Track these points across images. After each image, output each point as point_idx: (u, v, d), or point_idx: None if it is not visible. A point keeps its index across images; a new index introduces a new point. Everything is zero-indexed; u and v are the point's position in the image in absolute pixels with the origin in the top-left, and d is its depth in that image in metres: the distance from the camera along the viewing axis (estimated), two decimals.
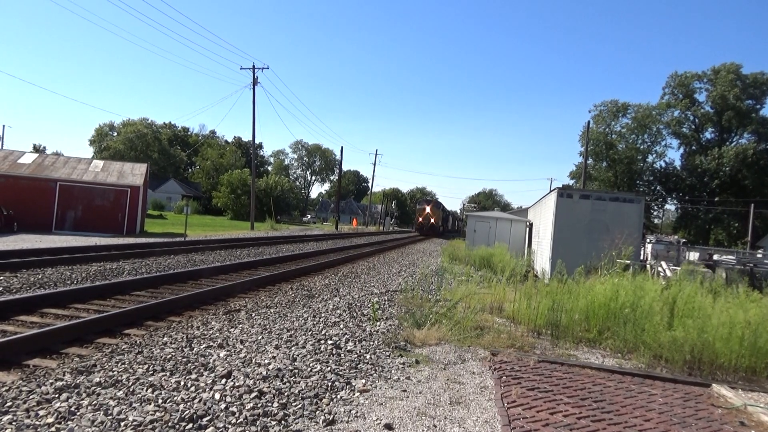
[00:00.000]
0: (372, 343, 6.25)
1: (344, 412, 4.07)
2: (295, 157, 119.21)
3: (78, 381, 4.13)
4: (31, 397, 3.77)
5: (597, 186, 55.57)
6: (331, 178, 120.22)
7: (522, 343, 6.87)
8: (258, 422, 3.67)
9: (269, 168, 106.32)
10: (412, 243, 33.50)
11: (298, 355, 5.35)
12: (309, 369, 4.95)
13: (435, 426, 3.96)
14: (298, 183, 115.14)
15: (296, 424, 3.75)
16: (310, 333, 6.41)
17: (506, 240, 24.81)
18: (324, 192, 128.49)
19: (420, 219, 53.05)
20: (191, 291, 8.90)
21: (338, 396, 4.40)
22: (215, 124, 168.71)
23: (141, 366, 4.64)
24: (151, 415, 3.59)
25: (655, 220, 62.42)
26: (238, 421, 3.66)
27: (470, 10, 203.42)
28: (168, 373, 4.50)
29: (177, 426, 3.49)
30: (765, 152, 49.77)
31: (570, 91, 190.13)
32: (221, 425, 3.56)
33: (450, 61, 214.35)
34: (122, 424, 3.42)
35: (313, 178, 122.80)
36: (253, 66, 39.23)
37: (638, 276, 8.53)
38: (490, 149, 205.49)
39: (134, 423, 3.44)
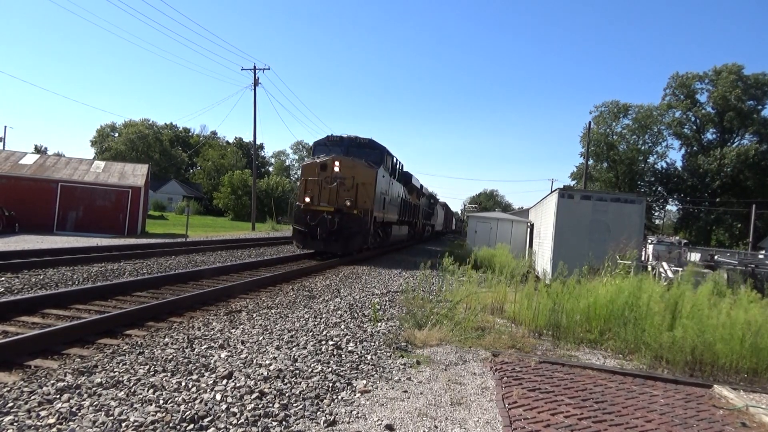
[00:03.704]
0: (373, 343, 6.25)
1: (345, 412, 4.07)
2: (296, 157, 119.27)
3: (79, 382, 4.14)
4: (32, 397, 3.77)
5: (598, 187, 55.58)
6: None
7: (523, 344, 6.87)
8: (259, 423, 3.67)
9: (270, 169, 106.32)
10: (412, 244, 33.47)
11: (299, 356, 5.35)
12: (310, 370, 4.95)
13: (436, 427, 3.96)
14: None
15: (297, 424, 3.75)
16: (311, 334, 6.41)
17: (507, 241, 24.80)
18: None
19: (307, 198, 16.85)
20: (192, 291, 8.90)
21: (339, 397, 4.41)
22: (216, 124, 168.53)
23: (142, 367, 4.64)
24: (153, 415, 3.59)
25: (657, 221, 62.41)
26: (239, 421, 3.66)
27: (471, 11, 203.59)
28: (169, 374, 4.50)
29: (178, 427, 3.49)
30: (766, 153, 49.72)
31: (571, 91, 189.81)
32: (222, 426, 3.56)
33: (451, 62, 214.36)
34: (123, 424, 3.43)
35: None
36: (254, 67, 39.31)
37: (638, 276, 8.52)
38: (490, 150, 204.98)
39: (135, 423, 3.45)
